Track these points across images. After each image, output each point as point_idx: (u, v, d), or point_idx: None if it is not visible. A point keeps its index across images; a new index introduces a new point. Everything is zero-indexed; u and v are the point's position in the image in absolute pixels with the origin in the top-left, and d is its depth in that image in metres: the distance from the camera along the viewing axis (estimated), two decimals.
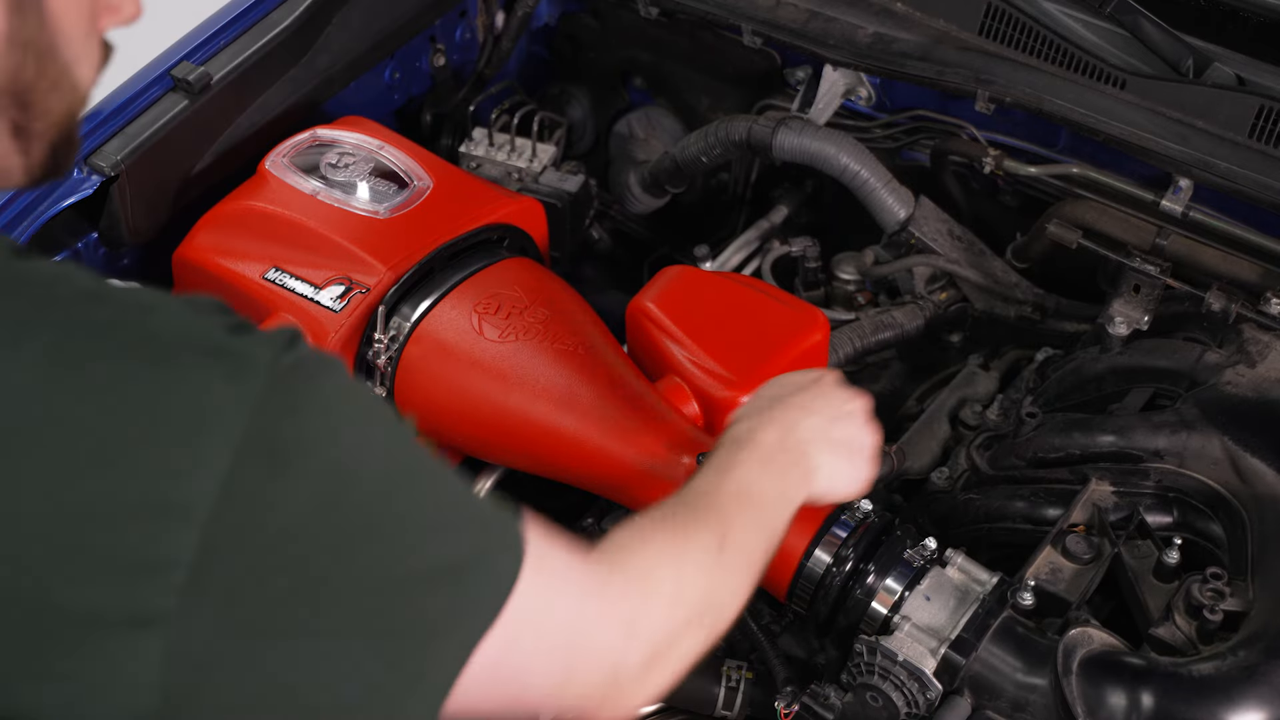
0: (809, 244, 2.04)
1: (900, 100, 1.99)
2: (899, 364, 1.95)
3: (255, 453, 0.69)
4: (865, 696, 1.30)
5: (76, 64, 0.81)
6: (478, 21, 2.19)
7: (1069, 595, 1.34)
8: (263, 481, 0.70)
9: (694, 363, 1.55)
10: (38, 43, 0.77)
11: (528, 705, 0.86)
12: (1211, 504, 1.44)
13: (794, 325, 1.59)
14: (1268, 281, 1.63)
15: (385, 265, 1.57)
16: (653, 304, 1.60)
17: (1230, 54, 1.75)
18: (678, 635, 0.96)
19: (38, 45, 0.77)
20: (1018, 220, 1.92)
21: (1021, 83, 1.74)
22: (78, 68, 0.81)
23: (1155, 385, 1.61)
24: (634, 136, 2.32)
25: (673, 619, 0.95)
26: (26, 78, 0.78)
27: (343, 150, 1.72)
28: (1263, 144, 1.65)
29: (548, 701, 0.87)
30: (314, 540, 0.72)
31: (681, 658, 0.97)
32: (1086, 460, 1.52)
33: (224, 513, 0.68)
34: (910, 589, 1.34)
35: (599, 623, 0.89)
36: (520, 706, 0.86)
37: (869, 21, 1.89)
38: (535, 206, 1.77)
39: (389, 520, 0.75)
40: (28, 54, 0.77)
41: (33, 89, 0.78)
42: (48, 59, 0.78)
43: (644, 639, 0.92)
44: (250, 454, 0.69)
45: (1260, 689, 1.19)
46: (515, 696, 0.85)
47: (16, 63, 0.76)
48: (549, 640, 0.85)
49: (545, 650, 0.84)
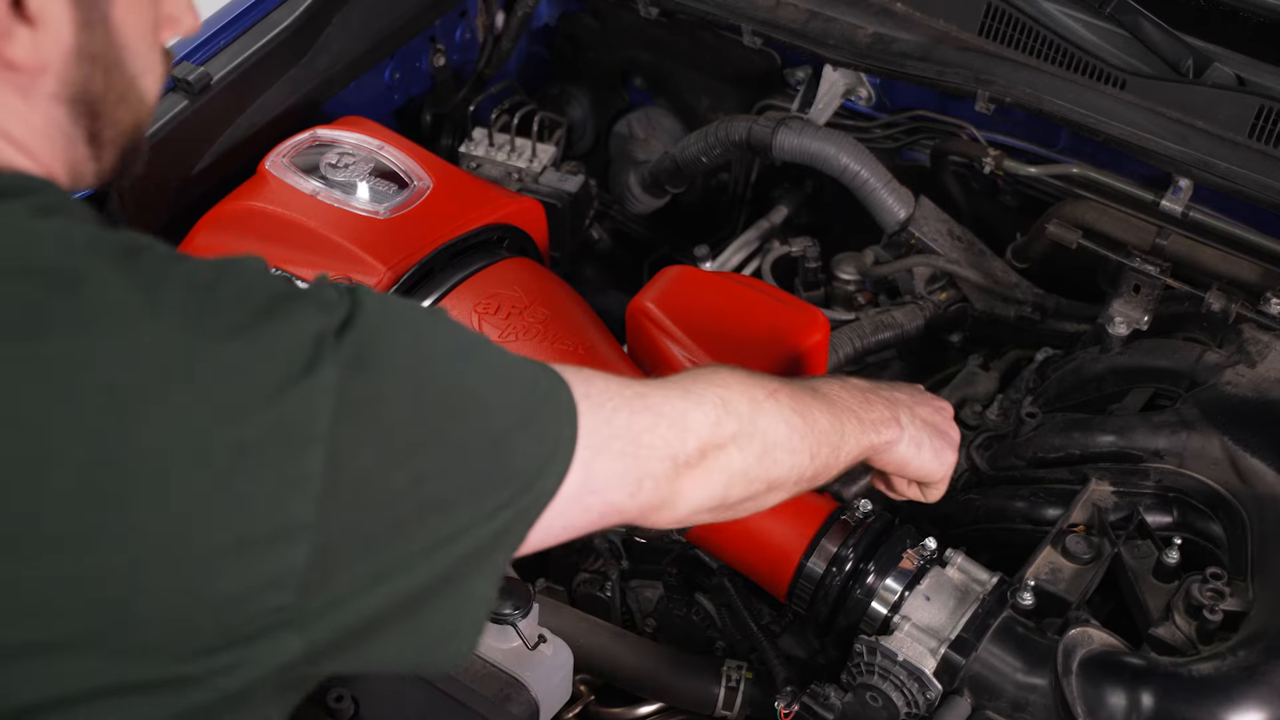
0: (809, 244, 2.04)
1: (900, 100, 1.99)
2: (899, 364, 1.95)
3: (353, 365, 0.78)
4: (865, 696, 1.30)
5: (142, 76, 0.87)
6: (478, 21, 2.19)
7: (1069, 595, 1.34)
8: (363, 388, 0.78)
9: (694, 363, 1.55)
10: (105, 56, 0.83)
11: (613, 511, 0.98)
12: (1211, 504, 1.44)
13: (794, 325, 1.59)
14: (1268, 281, 1.63)
15: (385, 265, 1.57)
16: (653, 304, 1.60)
17: (1230, 54, 1.75)
18: (726, 441, 1.04)
19: (105, 59, 0.83)
20: (1018, 220, 1.92)
21: (1021, 83, 1.74)
22: (143, 79, 0.87)
23: (1155, 385, 1.61)
24: (634, 136, 2.32)
25: (721, 424, 1.04)
26: (96, 89, 0.83)
27: (343, 150, 1.71)
28: (1263, 144, 1.65)
29: (629, 504, 0.98)
30: (412, 428, 0.81)
31: (730, 468, 1.05)
32: (1086, 460, 1.52)
33: (340, 422, 0.77)
34: (910, 589, 1.34)
35: (652, 424, 0.99)
36: (609, 514, 0.98)
37: (869, 21, 1.89)
38: (535, 206, 1.77)
39: (465, 392, 0.86)
40: (96, 67, 0.83)
41: (102, 100, 0.84)
42: (115, 72, 0.84)
43: (694, 432, 1.02)
44: (350, 367, 0.78)
45: (1260, 689, 1.19)
46: (598, 508, 0.96)
47: (86, 75, 0.82)
48: (613, 449, 0.96)
49: (614, 458, 0.96)
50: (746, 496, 1.08)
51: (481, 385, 0.88)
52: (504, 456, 0.87)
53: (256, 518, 0.75)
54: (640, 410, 0.99)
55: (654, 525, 1.05)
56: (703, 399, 1.03)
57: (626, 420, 0.97)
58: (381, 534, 0.80)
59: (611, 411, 0.96)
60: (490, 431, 0.86)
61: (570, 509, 0.93)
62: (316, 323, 0.78)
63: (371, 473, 0.79)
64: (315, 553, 0.76)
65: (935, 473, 1.28)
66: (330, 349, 0.77)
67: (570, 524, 0.95)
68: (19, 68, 0.79)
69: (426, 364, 0.84)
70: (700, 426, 1.02)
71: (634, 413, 0.98)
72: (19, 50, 0.78)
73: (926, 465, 1.26)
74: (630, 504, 0.98)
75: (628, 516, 1.00)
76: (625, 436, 0.97)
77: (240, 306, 0.77)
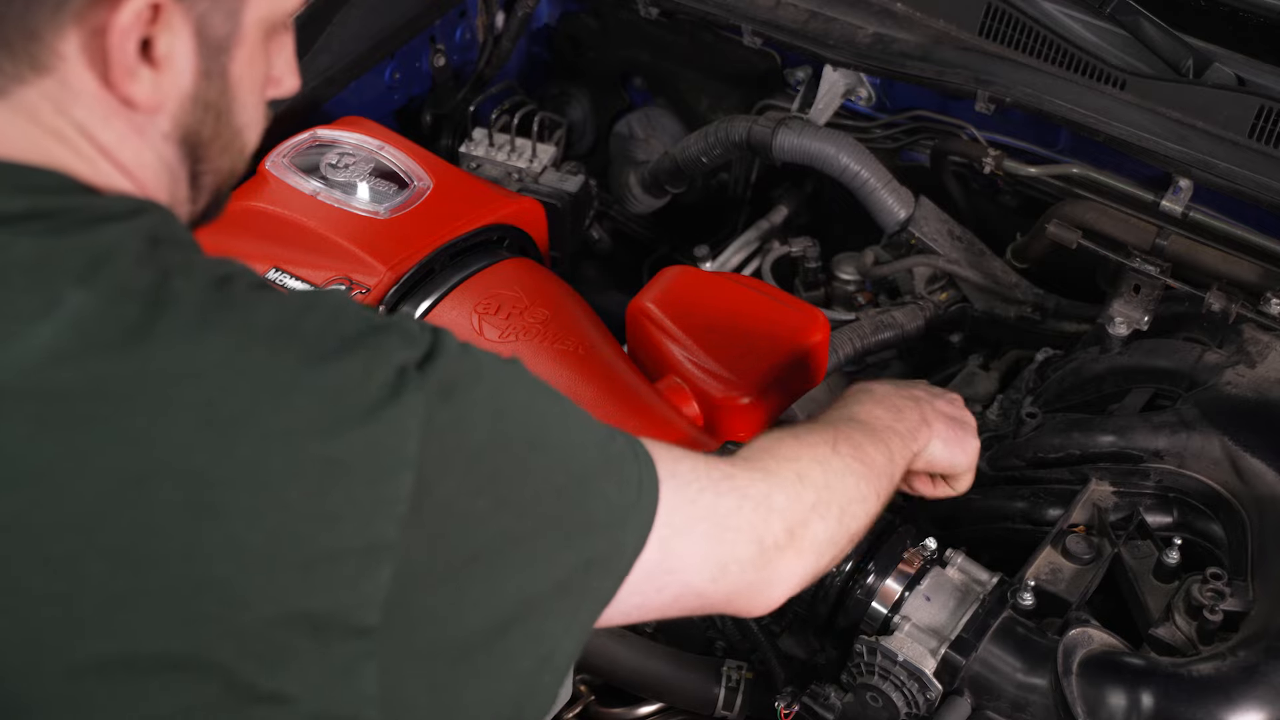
0: (809, 244, 2.04)
1: (900, 100, 1.99)
2: (899, 364, 1.95)
3: (438, 394, 0.80)
4: (865, 696, 1.30)
5: (247, 128, 0.92)
6: (478, 22, 2.19)
7: (1069, 595, 1.34)
8: (449, 417, 0.81)
9: (694, 363, 1.55)
10: (218, 105, 0.88)
11: (694, 595, 0.98)
12: (1211, 504, 1.44)
13: (794, 326, 1.59)
14: (1268, 281, 1.63)
15: (385, 265, 1.57)
16: (653, 304, 1.60)
17: (1230, 54, 1.76)
18: (809, 515, 1.06)
19: (218, 107, 0.88)
20: (1018, 220, 1.92)
21: (1021, 83, 1.74)
22: (247, 132, 0.92)
23: (1155, 385, 1.60)
24: (634, 136, 2.32)
25: (801, 498, 1.05)
26: (205, 134, 0.88)
27: (343, 150, 1.72)
28: (1263, 144, 1.65)
29: (711, 589, 0.98)
30: (495, 458, 0.83)
31: (817, 541, 1.06)
32: (1086, 460, 1.52)
33: (428, 449, 0.79)
34: (910, 589, 1.34)
35: (738, 506, 0.99)
36: (688, 597, 0.98)
37: (869, 22, 1.89)
38: (535, 207, 1.77)
39: (545, 432, 0.88)
40: (208, 114, 0.87)
41: (209, 145, 0.89)
42: (224, 120, 0.89)
43: (779, 513, 1.03)
44: (435, 395, 0.80)
45: (1260, 689, 1.19)
46: (681, 588, 0.96)
47: (198, 120, 0.87)
48: (697, 530, 0.96)
49: (695, 540, 0.96)
50: (834, 558, 1.11)
51: (560, 428, 0.90)
52: (584, 499, 0.88)
53: (346, 535, 0.77)
54: (727, 492, 0.99)
55: (747, 612, 1.06)
56: (782, 478, 1.05)
57: (712, 502, 0.98)
58: (463, 559, 0.81)
59: (698, 492, 0.97)
60: (571, 471, 0.88)
61: (645, 585, 0.93)
62: (402, 354, 0.80)
63: (455, 499, 0.81)
64: (398, 573, 0.78)
65: (961, 463, 1.31)
66: (414, 376, 0.80)
67: (645, 603, 0.95)
68: (138, 106, 0.82)
69: (507, 401, 0.86)
70: (782, 506, 1.03)
71: (720, 494, 0.98)
72: (141, 90, 0.81)
73: (955, 459, 1.30)
74: (714, 590, 0.99)
75: (711, 602, 1.00)
76: (710, 519, 0.97)
77: (330, 334, 0.80)
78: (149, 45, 0.81)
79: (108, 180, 0.84)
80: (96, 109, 0.82)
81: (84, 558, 0.73)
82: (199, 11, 0.83)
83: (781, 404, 1.61)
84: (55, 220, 0.78)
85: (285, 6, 0.89)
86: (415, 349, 0.81)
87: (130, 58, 0.80)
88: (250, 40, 0.87)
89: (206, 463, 0.74)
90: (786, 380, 1.57)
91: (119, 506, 0.73)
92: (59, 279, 0.75)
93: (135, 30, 0.79)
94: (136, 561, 0.73)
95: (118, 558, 0.73)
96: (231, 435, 0.75)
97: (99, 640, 0.74)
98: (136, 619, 0.74)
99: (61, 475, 0.73)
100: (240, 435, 0.75)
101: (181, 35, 0.82)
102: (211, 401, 0.75)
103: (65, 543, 0.73)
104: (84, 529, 0.73)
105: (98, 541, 0.73)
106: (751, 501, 1.01)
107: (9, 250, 0.76)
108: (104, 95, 0.81)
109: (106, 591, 0.73)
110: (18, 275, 0.75)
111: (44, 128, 0.81)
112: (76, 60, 0.79)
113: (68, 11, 0.78)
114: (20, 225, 0.77)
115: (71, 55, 0.79)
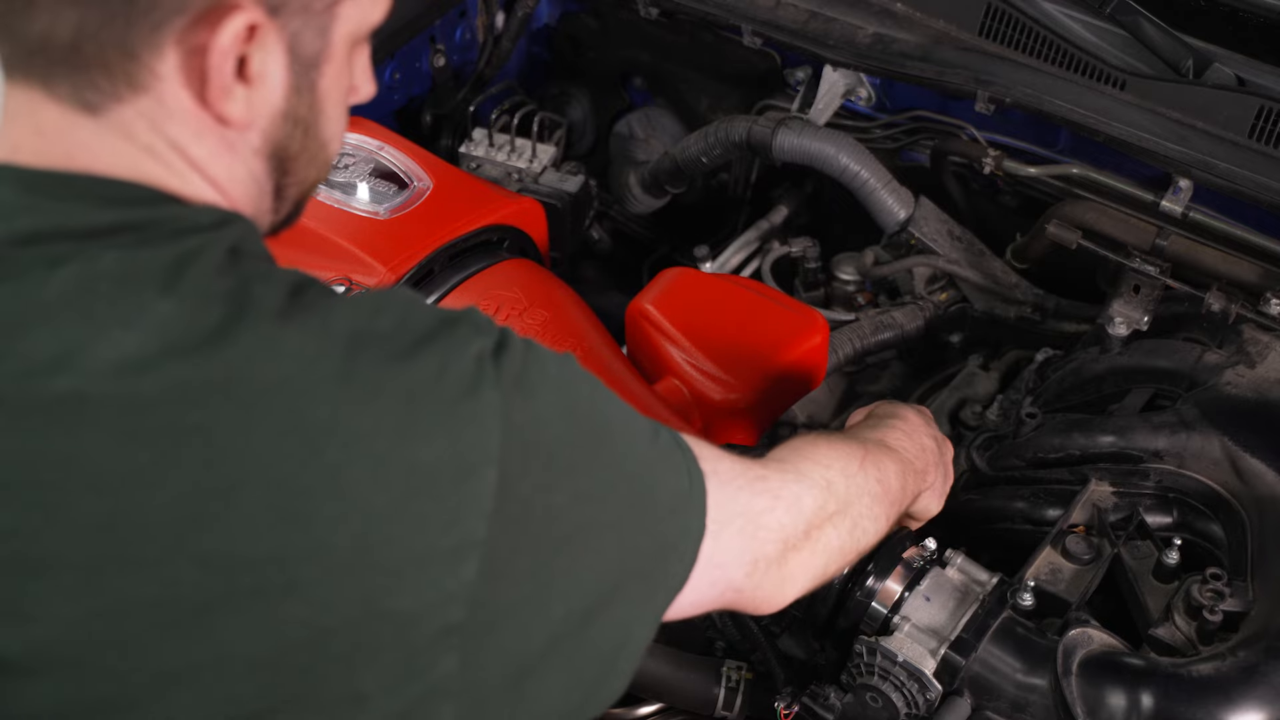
0: (809, 244, 2.04)
1: (900, 101, 1.99)
2: (899, 364, 1.95)
3: (514, 388, 0.82)
4: (865, 697, 1.30)
5: (331, 141, 0.93)
6: (478, 22, 2.19)
7: (1069, 596, 1.34)
8: (525, 411, 0.82)
9: (692, 365, 1.55)
10: (306, 120, 0.89)
11: (734, 591, 1.01)
12: (1211, 504, 1.44)
13: (793, 328, 1.59)
14: (1268, 282, 1.63)
15: (385, 266, 1.57)
16: (652, 306, 1.60)
17: (1230, 54, 1.75)
18: (826, 522, 1.09)
19: (306, 122, 0.89)
20: (1018, 220, 1.92)
21: (1021, 83, 1.74)
22: (332, 143, 0.94)
23: (1155, 386, 1.60)
24: (634, 136, 2.32)
25: (825, 506, 1.09)
26: (294, 149, 0.90)
27: (343, 150, 1.72)
28: (1263, 144, 1.65)
29: (746, 584, 1.01)
30: (570, 450, 0.85)
31: (830, 547, 1.10)
32: (1086, 460, 1.51)
33: (507, 442, 0.80)
34: (910, 589, 1.33)
35: (770, 506, 1.03)
36: (729, 593, 1.01)
37: (869, 22, 1.89)
38: (535, 207, 1.77)
39: (609, 424, 0.90)
40: (297, 128, 0.89)
41: (296, 159, 0.91)
42: (311, 134, 0.90)
43: (804, 515, 1.06)
44: (511, 389, 0.81)
45: (1260, 689, 1.19)
46: (721, 583, 0.99)
47: (287, 134, 0.88)
48: (734, 526, 0.98)
49: (735, 535, 0.98)
50: (840, 568, 1.14)
51: (620, 419, 0.92)
52: (651, 486, 0.91)
53: (432, 536, 0.78)
54: (761, 492, 1.02)
55: (760, 609, 1.08)
56: (813, 482, 1.08)
57: (748, 501, 1.01)
58: (546, 551, 0.83)
59: (736, 490, 1.00)
60: (636, 460, 0.91)
61: (700, 580, 0.95)
62: (476, 344, 0.82)
63: (536, 492, 0.82)
64: (484, 568, 0.79)
65: (932, 512, 1.36)
66: (490, 369, 0.81)
67: (699, 598, 0.97)
68: (232, 123, 0.84)
69: (574, 395, 0.88)
70: (809, 509, 1.07)
71: (755, 494, 1.02)
72: (235, 108, 0.83)
73: (932, 509, 1.36)
74: (746, 584, 1.01)
75: (742, 598, 1.03)
76: (746, 515, 1.00)
77: (404, 333, 0.81)
78: (244, 63, 0.82)
79: (197, 193, 0.85)
80: (190, 126, 0.83)
81: (174, 563, 0.74)
82: (292, 30, 0.84)
83: (780, 406, 1.61)
84: (143, 232, 0.79)
85: (370, 20, 0.90)
86: (488, 337, 0.83)
87: (227, 77, 0.81)
88: (339, 56, 0.89)
89: (292, 470, 0.75)
90: (785, 382, 1.57)
91: (206, 513, 0.74)
92: (144, 288, 0.76)
93: (234, 50, 0.81)
94: (226, 568, 0.74)
95: (207, 563, 0.74)
96: (315, 441, 0.76)
97: (189, 643, 0.75)
98: (225, 623, 0.75)
99: (150, 481, 0.74)
100: (324, 441, 0.76)
101: (275, 53, 0.83)
102: (295, 408, 0.76)
103: (155, 548, 0.74)
104: (173, 535, 0.74)
105: (187, 547, 0.74)
106: (784, 503, 1.04)
107: (96, 262, 0.77)
108: (198, 112, 0.83)
109: (196, 597, 0.74)
110: (105, 286, 0.76)
111: (138, 144, 0.82)
112: (173, 79, 0.81)
113: (167, 32, 0.79)
114: (109, 238, 0.78)
115: (168, 74, 0.80)
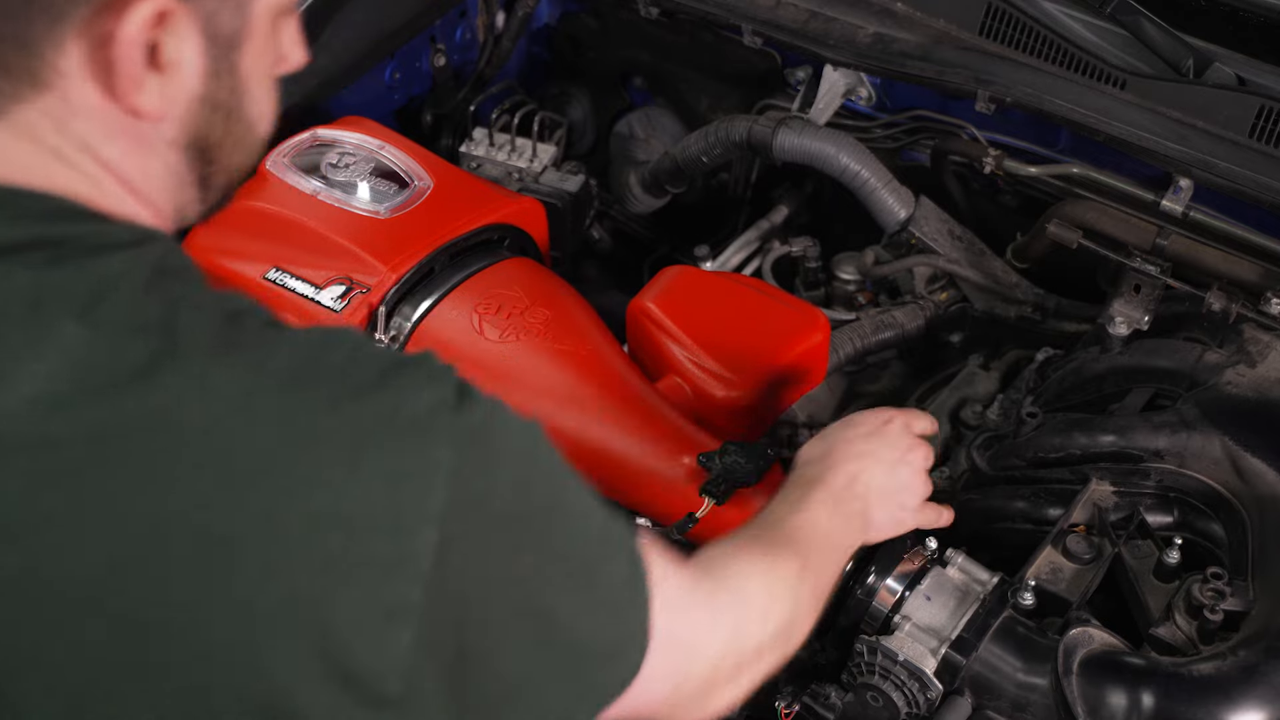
0: (809, 244, 2.04)
1: (900, 100, 1.99)
2: (899, 364, 1.95)
3: (468, 446, 0.75)
4: (866, 696, 1.30)
5: (259, 121, 0.88)
6: (478, 21, 2.19)
7: (1069, 595, 1.34)
8: (475, 471, 0.76)
9: (694, 363, 1.55)
10: (228, 104, 0.84)
11: (646, 707, 0.92)
12: (1212, 504, 1.44)
13: (794, 326, 1.59)
14: (1268, 281, 1.63)
15: (386, 265, 1.57)
16: (653, 304, 1.60)
17: (1230, 54, 1.75)
18: (763, 649, 1.03)
19: (228, 106, 0.84)
20: (1018, 220, 1.92)
21: (1022, 83, 1.74)
22: (260, 124, 0.88)
23: (1155, 385, 1.60)
24: (634, 136, 2.32)
25: (764, 632, 1.03)
26: (215, 135, 0.84)
27: (343, 150, 1.72)
28: (1263, 144, 1.65)
29: (663, 705, 0.94)
30: (521, 519, 0.79)
31: (759, 674, 1.04)
32: (1086, 460, 1.52)
33: (453, 505, 0.74)
34: (911, 589, 1.34)
35: (709, 632, 0.97)
36: (644, 710, 0.92)
37: (869, 21, 1.89)
38: (536, 206, 1.77)
39: (566, 496, 0.84)
40: (218, 114, 0.84)
41: (219, 146, 0.85)
42: (235, 118, 0.85)
43: (739, 646, 1.00)
44: (464, 447, 0.75)
45: (1260, 689, 1.19)
46: (647, 697, 0.91)
47: (206, 121, 0.83)
48: (670, 646, 0.90)
49: (665, 655, 0.90)
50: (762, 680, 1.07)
51: (577, 495, 0.85)
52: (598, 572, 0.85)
53: (367, 595, 0.72)
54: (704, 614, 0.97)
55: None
56: (751, 607, 1.02)
57: (691, 619, 0.95)
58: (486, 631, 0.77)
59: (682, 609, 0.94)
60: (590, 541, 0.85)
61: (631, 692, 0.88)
62: (431, 392, 0.76)
63: (479, 559, 0.76)
64: (421, 637, 0.73)
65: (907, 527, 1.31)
66: (445, 421, 0.75)
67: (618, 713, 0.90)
68: (145, 115, 0.79)
69: (532, 461, 0.82)
70: (745, 642, 1.01)
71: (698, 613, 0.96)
72: (147, 99, 0.78)
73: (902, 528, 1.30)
74: (663, 704, 0.94)
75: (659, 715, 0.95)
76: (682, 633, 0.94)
77: (351, 374, 0.75)
78: (155, 51, 0.77)
79: (113, 200, 0.80)
80: (99, 123, 0.78)
81: (81, 625, 0.69)
82: (206, 11, 0.79)
83: (781, 404, 1.61)
84: (57, 249, 0.74)
85: None
86: (445, 386, 0.76)
87: (137, 67, 0.76)
88: (260, 31, 0.84)
89: (215, 518, 0.69)
90: (787, 380, 1.57)
91: (122, 568, 0.68)
92: (56, 313, 0.71)
93: (142, 38, 0.76)
94: (140, 629, 0.69)
95: (120, 624, 0.69)
96: (244, 488, 0.70)
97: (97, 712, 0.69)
98: (138, 691, 0.69)
99: (62, 532, 0.68)
100: (253, 488, 0.70)
101: (189, 38, 0.78)
102: (222, 450, 0.70)
103: (64, 606, 0.68)
104: (85, 592, 0.68)
105: (102, 606, 0.68)
106: (724, 631, 0.98)
107: (7, 281, 0.72)
108: (108, 107, 0.78)
109: (108, 662, 0.69)
110: (15, 308, 0.71)
111: (45, 147, 0.77)
112: (77, 74, 0.76)
113: (68, 24, 0.74)
114: (21, 255, 0.73)
115: (72, 70, 0.76)
